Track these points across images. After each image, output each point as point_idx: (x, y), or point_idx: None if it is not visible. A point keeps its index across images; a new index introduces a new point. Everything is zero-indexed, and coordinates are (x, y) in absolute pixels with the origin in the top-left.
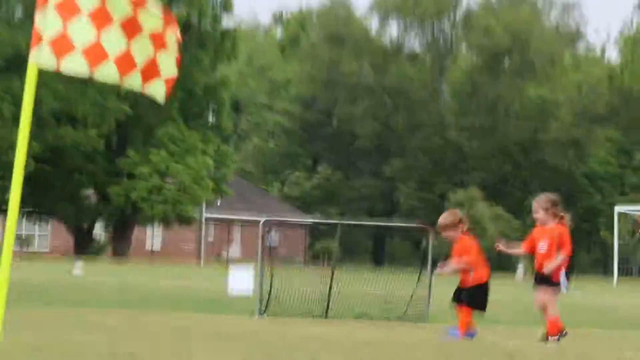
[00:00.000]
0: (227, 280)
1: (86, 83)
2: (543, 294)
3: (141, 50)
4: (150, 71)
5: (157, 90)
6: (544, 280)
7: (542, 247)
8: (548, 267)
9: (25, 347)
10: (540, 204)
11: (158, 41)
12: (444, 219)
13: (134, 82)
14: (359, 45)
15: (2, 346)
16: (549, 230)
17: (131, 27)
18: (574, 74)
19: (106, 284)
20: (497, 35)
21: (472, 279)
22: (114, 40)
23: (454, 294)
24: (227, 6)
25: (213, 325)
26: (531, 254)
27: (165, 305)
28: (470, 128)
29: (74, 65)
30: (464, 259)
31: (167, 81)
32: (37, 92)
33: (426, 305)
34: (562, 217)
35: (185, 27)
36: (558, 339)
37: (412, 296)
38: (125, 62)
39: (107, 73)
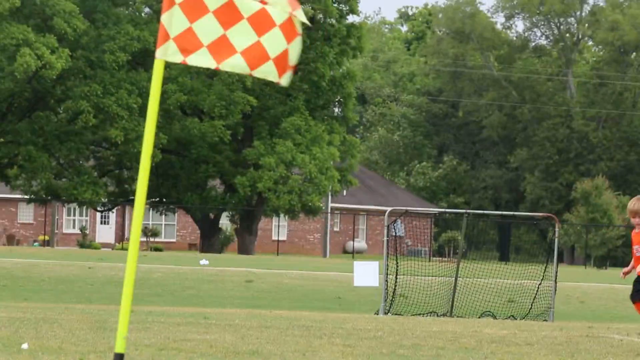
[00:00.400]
0: (352, 275)
1: (212, 77)
2: None
3: (271, 42)
4: (282, 61)
5: (286, 77)
6: None
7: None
8: None
9: (150, 347)
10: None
11: (288, 32)
12: (634, 204)
13: (267, 71)
14: (485, 40)
15: (127, 344)
16: None
17: (260, 22)
18: None
19: (233, 278)
20: (624, 30)
21: None
22: (242, 35)
23: (633, 290)
24: (352, 5)
25: (338, 323)
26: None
27: (292, 300)
28: (596, 118)
29: (201, 58)
30: None
31: (292, 67)
32: (163, 85)
33: (551, 301)
34: None
35: (311, 23)
36: None
37: (537, 292)
38: (256, 54)
39: (235, 64)
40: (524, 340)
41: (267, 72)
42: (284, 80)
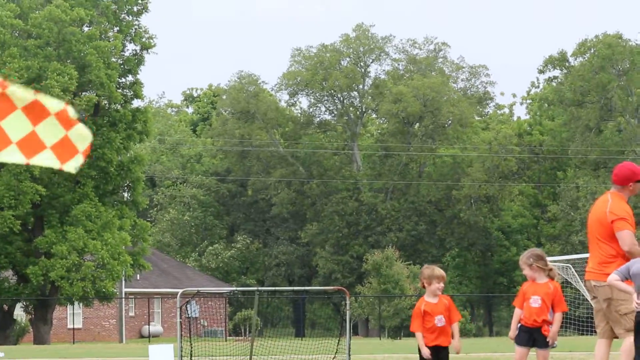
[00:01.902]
0: None
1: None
2: (544, 355)
3: (48, 132)
4: (66, 148)
5: (75, 163)
6: (544, 342)
7: (535, 301)
8: (554, 332)
9: None
10: (524, 260)
11: (65, 121)
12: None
13: (46, 161)
14: (270, 118)
15: None
16: (542, 285)
17: (34, 112)
18: (484, 134)
19: None
20: (407, 102)
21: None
22: (17, 126)
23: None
24: (136, 90)
25: None
26: (521, 308)
27: None
28: (384, 190)
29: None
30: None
31: (83, 152)
32: None
33: None
34: (550, 270)
35: (96, 110)
36: None
37: None
38: (32, 144)
39: (11, 156)
40: None
41: (46, 159)
42: (68, 167)
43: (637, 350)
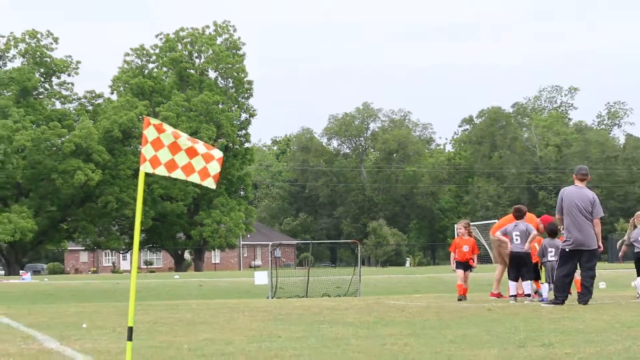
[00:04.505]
0: (254, 279)
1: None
2: (468, 274)
3: (196, 163)
4: (204, 173)
5: (209, 183)
6: (469, 267)
7: (465, 248)
8: (475, 261)
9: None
10: (460, 225)
11: (206, 158)
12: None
13: (194, 178)
14: (317, 150)
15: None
16: (468, 240)
17: (190, 152)
18: (429, 159)
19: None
20: (390, 143)
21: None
22: (181, 159)
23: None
24: (247, 137)
25: (247, 304)
26: (454, 252)
27: (218, 293)
28: (378, 189)
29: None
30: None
31: (214, 177)
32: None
33: (359, 286)
34: (470, 232)
35: (226, 148)
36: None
37: (350, 281)
38: (189, 169)
39: (177, 174)
40: (344, 307)
41: (194, 178)
42: (206, 183)
43: (510, 277)
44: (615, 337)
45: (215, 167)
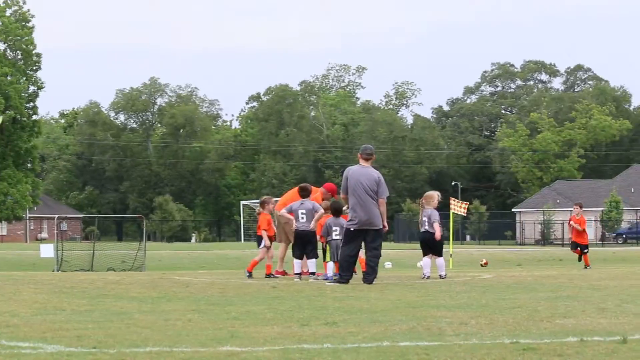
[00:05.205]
0: (40, 251)
1: None
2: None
3: None
4: None
5: None
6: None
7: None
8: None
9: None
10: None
11: None
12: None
13: None
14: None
15: None
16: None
17: None
18: None
19: None
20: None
21: None
22: None
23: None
24: (34, 109)
25: (31, 276)
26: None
27: (6, 266)
28: None
29: None
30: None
31: None
32: None
33: (144, 261)
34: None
35: (13, 120)
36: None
37: (136, 256)
38: None
39: None
40: (128, 281)
41: None
42: None
43: (295, 255)
44: (400, 316)
45: None
